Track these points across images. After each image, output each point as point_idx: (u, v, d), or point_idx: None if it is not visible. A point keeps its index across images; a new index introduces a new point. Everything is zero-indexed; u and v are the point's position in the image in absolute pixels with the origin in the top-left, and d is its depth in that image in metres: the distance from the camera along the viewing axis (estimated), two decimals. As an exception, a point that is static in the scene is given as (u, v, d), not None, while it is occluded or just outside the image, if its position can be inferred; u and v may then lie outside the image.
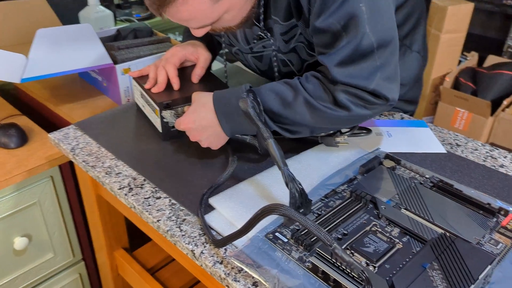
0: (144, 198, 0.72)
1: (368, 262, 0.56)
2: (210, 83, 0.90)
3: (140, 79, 0.90)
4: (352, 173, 0.75)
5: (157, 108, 0.83)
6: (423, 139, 0.87)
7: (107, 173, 0.78)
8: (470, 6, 2.10)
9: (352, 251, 0.58)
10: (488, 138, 2.06)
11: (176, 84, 0.86)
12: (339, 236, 0.61)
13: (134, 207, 0.72)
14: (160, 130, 0.85)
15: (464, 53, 2.33)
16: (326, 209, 0.66)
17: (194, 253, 0.63)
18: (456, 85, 2.17)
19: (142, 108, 0.93)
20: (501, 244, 0.60)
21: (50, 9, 1.32)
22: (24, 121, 1.11)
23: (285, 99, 0.71)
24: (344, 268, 0.53)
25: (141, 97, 0.91)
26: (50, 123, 1.18)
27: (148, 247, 1.08)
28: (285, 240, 0.61)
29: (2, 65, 0.97)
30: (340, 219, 0.64)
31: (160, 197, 0.73)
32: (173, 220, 0.68)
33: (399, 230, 0.62)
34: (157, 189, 0.74)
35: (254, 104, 0.67)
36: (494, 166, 0.80)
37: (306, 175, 0.75)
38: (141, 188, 0.75)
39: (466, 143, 0.87)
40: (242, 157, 0.80)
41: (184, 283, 1.03)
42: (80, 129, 0.90)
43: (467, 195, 0.68)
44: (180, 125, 0.76)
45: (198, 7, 0.66)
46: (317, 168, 0.77)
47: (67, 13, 1.37)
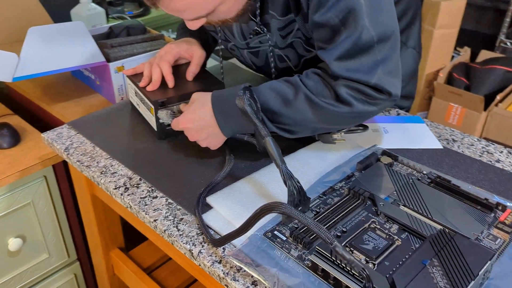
0: (141, 198, 0.71)
1: (368, 259, 0.56)
2: (205, 81, 0.89)
3: (134, 77, 0.89)
4: (350, 170, 0.74)
5: (152, 107, 0.82)
6: (420, 135, 0.87)
7: (102, 173, 0.77)
8: (463, 2, 2.11)
9: (352, 249, 0.58)
10: (482, 133, 2.07)
11: (171, 82, 0.85)
12: (338, 234, 0.61)
13: (131, 207, 0.71)
14: (156, 129, 0.84)
15: (457, 49, 2.34)
16: (325, 207, 0.66)
17: (192, 253, 0.62)
18: (450, 81, 2.18)
19: (137, 107, 0.92)
20: (500, 239, 0.60)
21: (41, 7, 1.30)
22: (17, 121, 1.10)
23: (286, 97, 0.69)
24: (344, 266, 0.53)
25: (136, 96, 0.90)
26: (43, 123, 1.17)
27: (144, 247, 1.08)
28: (284, 239, 0.60)
29: (-7, 64, 0.96)
30: (339, 217, 0.63)
31: (157, 197, 0.72)
32: (170, 220, 0.67)
33: (398, 227, 0.62)
34: (154, 189, 0.73)
35: (251, 102, 0.66)
36: (491, 161, 0.80)
37: (304, 173, 0.74)
38: (137, 188, 0.74)
39: (462, 139, 0.87)
40: (239, 155, 0.80)
41: (181, 282, 1.02)
42: (74, 128, 0.89)
43: (465, 191, 0.68)
44: (179, 125, 0.76)
45: None
46: (315, 166, 0.76)
47: (59, 11, 1.35)
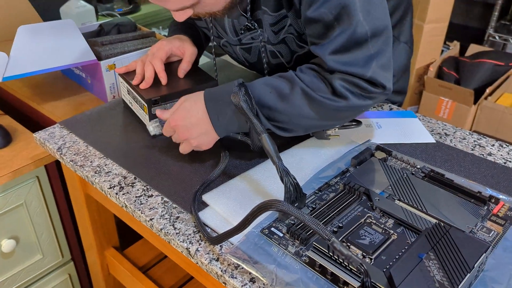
0: (136, 197, 0.71)
1: (365, 254, 0.56)
2: (198, 78, 0.88)
3: (127, 75, 0.88)
4: (344, 166, 0.75)
5: (145, 105, 0.82)
6: (413, 130, 0.87)
7: (96, 172, 0.77)
8: (452, -4, 2.12)
9: (348, 244, 0.58)
10: (472, 126, 2.09)
11: (164, 79, 0.85)
12: (335, 229, 0.61)
13: (126, 206, 0.71)
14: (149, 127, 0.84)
15: (447, 43, 2.36)
16: (320, 202, 0.66)
17: (189, 251, 0.62)
18: (440, 75, 2.19)
19: (130, 105, 0.92)
20: (493, 232, 0.61)
21: (30, 5, 1.28)
22: (7, 121, 1.08)
23: (282, 92, 0.69)
24: (342, 261, 0.53)
25: (128, 94, 0.90)
26: (34, 122, 1.15)
27: (139, 245, 1.07)
28: (281, 235, 0.61)
29: (-18, 64, 0.95)
30: (335, 212, 0.64)
31: (152, 195, 0.71)
32: (167, 218, 0.67)
33: (394, 221, 0.62)
34: (149, 187, 0.73)
35: (246, 98, 0.66)
36: (483, 155, 0.81)
37: (299, 169, 0.75)
38: (132, 187, 0.73)
39: (454, 132, 0.87)
40: (233, 153, 0.80)
41: (177, 280, 1.02)
42: (66, 128, 0.88)
43: (458, 184, 0.68)
44: (170, 123, 0.73)
45: None
46: (310, 162, 0.77)
47: (48, 9, 1.34)
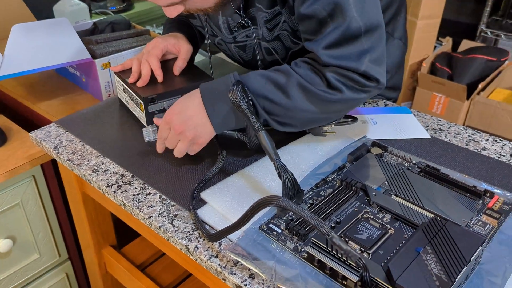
0: (134, 195, 0.71)
1: (362, 249, 0.57)
2: (194, 75, 0.89)
3: (123, 74, 0.88)
4: (341, 162, 0.75)
5: (142, 103, 0.82)
6: (408, 125, 0.88)
7: (94, 171, 0.77)
8: (444, -8, 2.14)
9: (346, 239, 0.59)
10: (465, 121, 2.11)
11: (160, 76, 0.85)
12: (332, 225, 0.62)
13: (124, 205, 0.71)
14: (146, 125, 0.84)
15: (439, 39, 2.37)
16: (318, 198, 0.67)
17: (189, 248, 0.62)
18: (433, 70, 2.21)
19: (126, 103, 0.91)
20: (489, 225, 0.61)
21: (23, 4, 1.27)
22: (2, 120, 1.08)
23: (278, 83, 0.70)
24: (340, 256, 0.54)
25: (124, 92, 0.89)
26: (28, 121, 1.15)
27: (137, 243, 1.07)
28: (279, 231, 0.61)
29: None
30: (332, 208, 0.64)
31: (150, 193, 0.72)
32: (165, 216, 0.67)
33: (391, 216, 0.63)
34: (146, 185, 0.73)
35: (243, 96, 0.66)
36: (477, 150, 0.82)
37: (296, 165, 0.75)
38: (130, 185, 0.73)
39: (449, 128, 0.88)
40: (230, 151, 0.80)
41: (175, 278, 1.02)
42: (62, 127, 0.88)
43: (454, 179, 0.69)
44: (165, 118, 0.72)
45: None
46: (306, 158, 0.77)
47: (41, 8, 1.33)
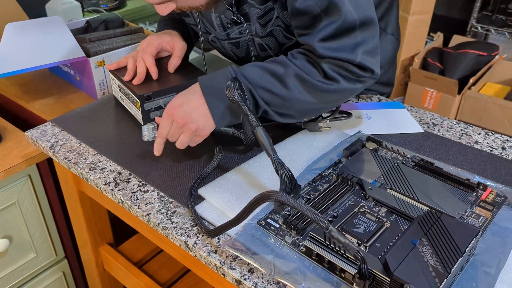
0: (132, 193, 0.72)
1: (360, 242, 0.58)
2: (189, 73, 0.89)
3: (118, 72, 0.88)
4: (337, 157, 0.76)
5: (138, 101, 0.82)
6: (401, 120, 0.89)
7: (91, 169, 0.77)
8: (435, -13, 2.15)
9: (343, 233, 0.60)
10: (456, 116, 2.13)
11: (155, 74, 0.85)
12: (330, 219, 0.62)
13: (122, 202, 0.71)
14: (142, 123, 0.84)
15: (431, 34, 2.39)
16: (315, 193, 0.68)
17: (188, 244, 0.63)
18: (424, 66, 2.22)
19: (121, 101, 0.92)
20: (482, 217, 0.63)
21: (16, 2, 1.27)
22: (-4, 120, 1.08)
23: (275, 73, 0.71)
24: (338, 250, 0.55)
25: (120, 90, 0.90)
26: (23, 121, 1.15)
27: (133, 241, 1.08)
28: (277, 226, 0.62)
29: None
30: (329, 202, 0.65)
31: (148, 191, 0.72)
32: (163, 213, 0.68)
33: (386, 210, 0.64)
34: (144, 183, 0.74)
35: (240, 92, 0.67)
36: (470, 143, 0.83)
37: (292, 161, 0.76)
38: (128, 183, 0.74)
39: (442, 122, 0.90)
40: (227, 147, 0.80)
41: (173, 274, 1.03)
42: (58, 126, 0.88)
43: (448, 172, 0.70)
44: (168, 112, 0.72)
45: None
46: (302, 154, 0.78)
47: (34, 6, 1.32)
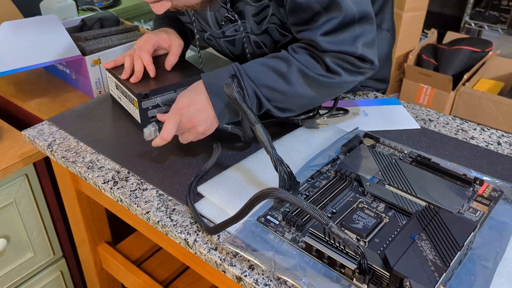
0: (131, 191, 0.72)
1: (359, 238, 0.58)
2: (186, 71, 0.89)
3: (115, 70, 0.88)
4: (334, 153, 0.77)
5: (135, 99, 0.82)
6: (398, 117, 0.90)
7: (89, 168, 0.77)
8: (429, -16, 2.16)
9: (343, 228, 0.60)
10: (451, 112, 2.15)
11: (152, 71, 0.85)
12: (329, 215, 0.63)
13: (121, 201, 0.71)
14: (139, 121, 0.84)
15: (425, 31, 2.40)
16: (313, 190, 0.68)
17: (188, 242, 0.63)
18: (419, 62, 2.23)
19: (118, 100, 0.91)
20: (479, 212, 0.63)
21: (10, 2, 1.26)
22: (-8, 119, 1.07)
23: (280, 71, 0.72)
24: (338, 245, 0.55)
25: (117, 89, 0.89)
26: (19, 120, 1.14)
27: (132, 239, 1.08)
28: (277, 223, 0.62)
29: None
30: (328, 199, 0.65)
31: (147, 189, 0.72)
32: (163, 211, 0.68)
33: (385, 205, 0.64)
34: (143, 181, 0.74)
35: (239, 90, 0.67)
36: (466, 139, 0.84)
37: (290, 158, 0.76)
38: (126, 181, 0.74)
39: (438, 118, 0.90)
40: (225, 144, 0.81)
41: (172, 272, 1.03)
42: (55, 125, 0.88)
43: (444, 168, 0.71)
44: (176, 109, 0.71)
45: None
46: (300, 151, 0.78)
47: (28, 4, 1.31)
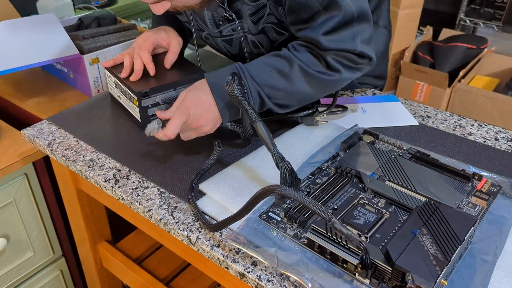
0: (132, 189, 0.72)
1: (360, 233, 0.59)
2: (185, 69, 0.89)
3: (114, 69, 0.88)
4: (334, 150, 0.77)
5: (135, 97, 0.82)
6: (396, 113, 0.90)
7: (90, 167, 0.77)
8: (424, -18, 2.17)
9: (344, 224, 0.61)
10: (447, 108, 2.16)
11: (152, 70, 0.85)
12: (330, 211, 0.63)
13: (123, 199, 0.71)
14: (139, 119, 0.84)
15: (421, 28, 2.41)
16: (314, 186, 0.69)
17: (190, 239, 0.63)
18: (415, 59, 2.24)
19: (118, 98, 0.91)
20: (479, 206, 0.64)
21: (7, 1, 1.25)
22: (-10, 119, 1.07)
23: (282, 71, 0.73)
24: (340, 241, 0.56)
25: (116, 87, 0.89)
26: (17, 120, 1.14)
27: (132, 238, 1.08)
28: (279, 219, 0.63)
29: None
30: (329, 195, 0.66)
31: (148, 187, 0.72)
32: (165, 209, 0.68)
33: (385, 201, 0.65)
34: (144, 179, 0.74)
35: (240, 87, 0.67)
36: (463, 135, 0.85)
37: (290, 155, 0.77)
38: (128, 179, 0.74)
39: (436, 114, 0.91)
40: (225, 142, 0.81)
41: (172, 270, 1.03)
42: (55, 124, 0.88)
43: (443, 164, 0.72)
44: (183, 106, 0.70)
45: None
46: (300, 148, 0.79)
47: (25, 3, 1.31)
